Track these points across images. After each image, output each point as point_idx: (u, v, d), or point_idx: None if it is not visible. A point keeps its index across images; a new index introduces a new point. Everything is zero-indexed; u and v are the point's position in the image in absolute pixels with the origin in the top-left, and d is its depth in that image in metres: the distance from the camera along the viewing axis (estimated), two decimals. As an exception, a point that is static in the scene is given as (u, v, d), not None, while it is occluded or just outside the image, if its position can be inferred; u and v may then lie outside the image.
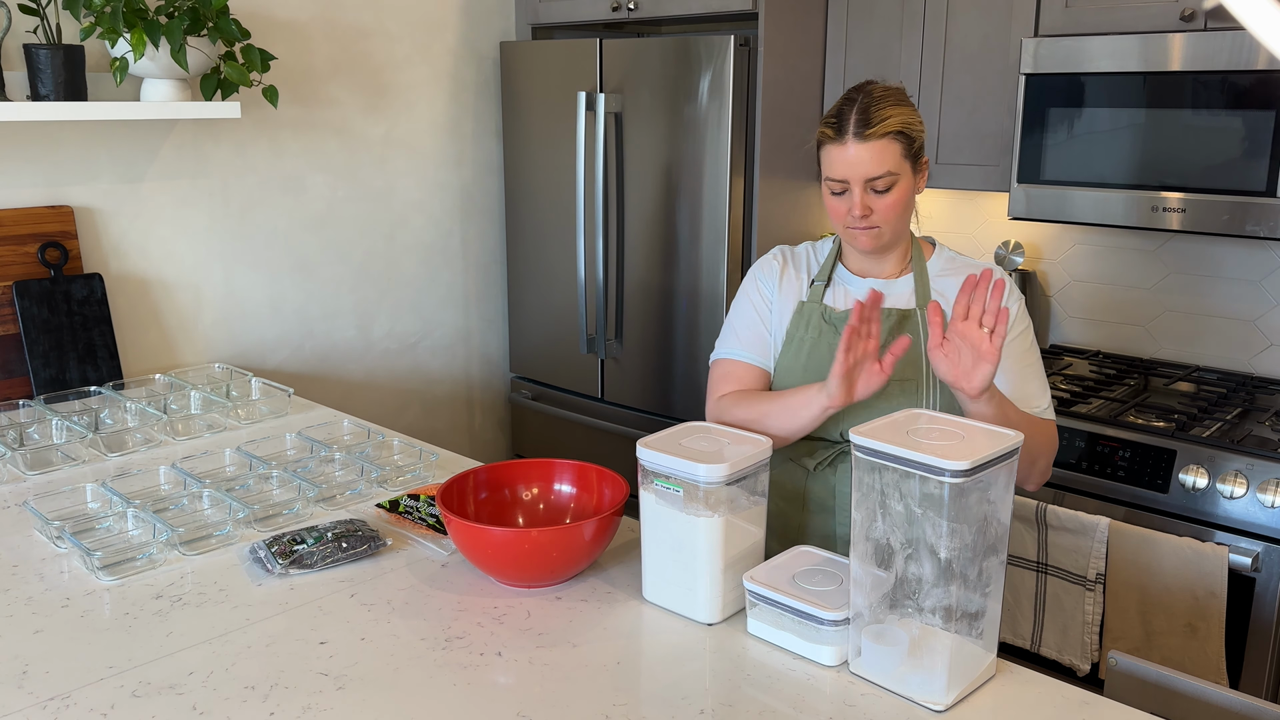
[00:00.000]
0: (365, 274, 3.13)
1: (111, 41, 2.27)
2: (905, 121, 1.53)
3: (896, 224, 1.58)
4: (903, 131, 1.53)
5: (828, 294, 1.69)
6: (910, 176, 1.56)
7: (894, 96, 1.55)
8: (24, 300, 2.37)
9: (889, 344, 1.55)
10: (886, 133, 1.51)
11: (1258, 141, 2.16)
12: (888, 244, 1.61)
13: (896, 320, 1.62)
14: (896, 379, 1.59)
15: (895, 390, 1.59)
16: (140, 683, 1.28)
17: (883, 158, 1.52)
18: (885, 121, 1.51)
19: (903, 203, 1.56)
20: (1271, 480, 2.02)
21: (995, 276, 1.54)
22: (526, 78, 3.21)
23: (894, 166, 1.53)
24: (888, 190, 1.54)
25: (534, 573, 1.49)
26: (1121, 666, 1.47)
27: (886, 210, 1.55)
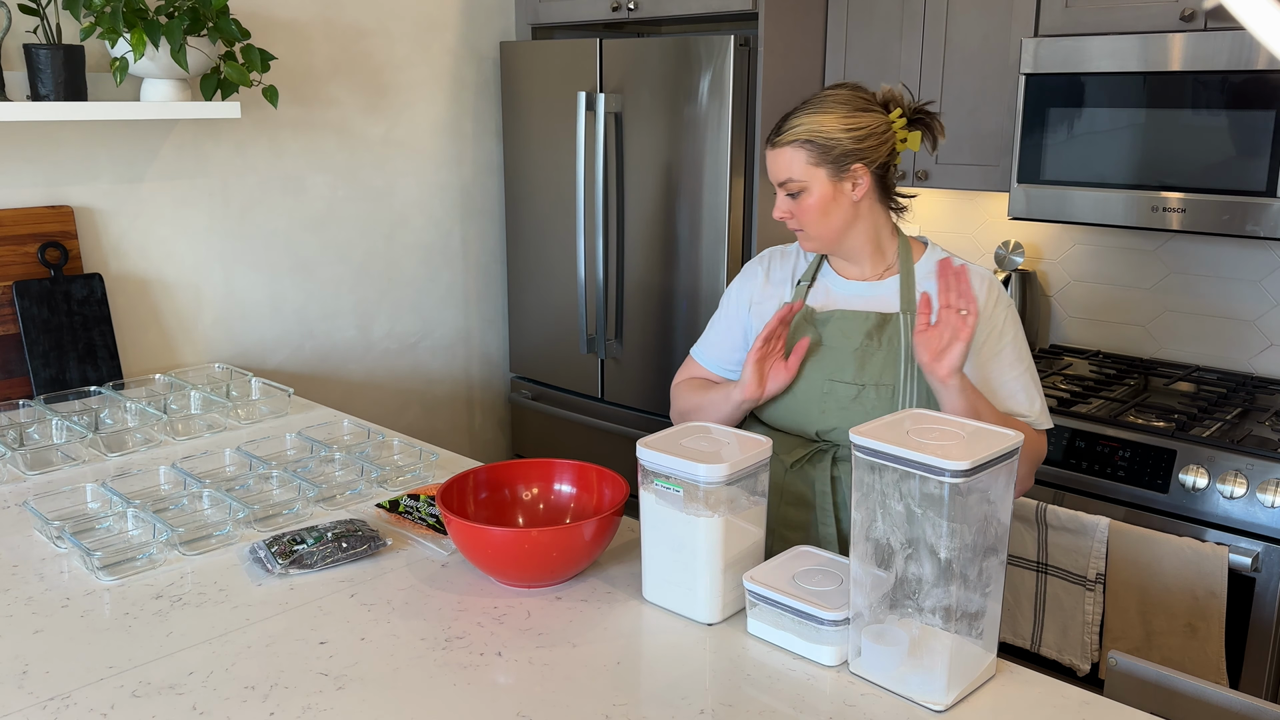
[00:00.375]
0: (365, 274, 3.13)
1: (111, 41, 2.27)
2: (814, 130, 1.55)
3: (817, 228, 1.60)
4: (810, 140, 1.55)
5: (811, 294, 1.70)
6: (826, 183, 1.57)
7: (830, 103, 1.57)
8: (24, 300, 2.37)
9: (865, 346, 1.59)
10: (791, 141, 1.55)
11: (1258, 141, 2.16)
12: (825, 246, 1.64)
13: (876, 323, 1.62)
14: (873, 383, 1.60)
15: (871, 395, 1.60)
16: (140, 683, 1.28)
17: (788, 165, 1.56)
18: (792, 130, 1.56)
19: (818, 208, 1.58)
20: (1271, 480, 2.02)
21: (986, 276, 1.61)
22: (526, 78, 3.21)
23: (799, 174, 1.56)
24: (798, 194, 1.58)
25: (534, 573, 1.49)
26: (1121, 666, 1.47)
27: (803, 214, 1.59)
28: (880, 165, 1.59)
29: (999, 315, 1.60)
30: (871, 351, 1.61)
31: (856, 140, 1.55)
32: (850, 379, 1.61)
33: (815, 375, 1.64)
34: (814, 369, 1.64)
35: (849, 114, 1.56)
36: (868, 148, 1.56)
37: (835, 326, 1.63)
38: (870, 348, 1.61)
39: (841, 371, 1.62)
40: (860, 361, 1.61)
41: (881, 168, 1.60)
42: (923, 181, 2.81)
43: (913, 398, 1.59)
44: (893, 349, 1.60)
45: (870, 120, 1.57)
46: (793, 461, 1.67)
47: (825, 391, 1.62)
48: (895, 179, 1.65)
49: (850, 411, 1.60)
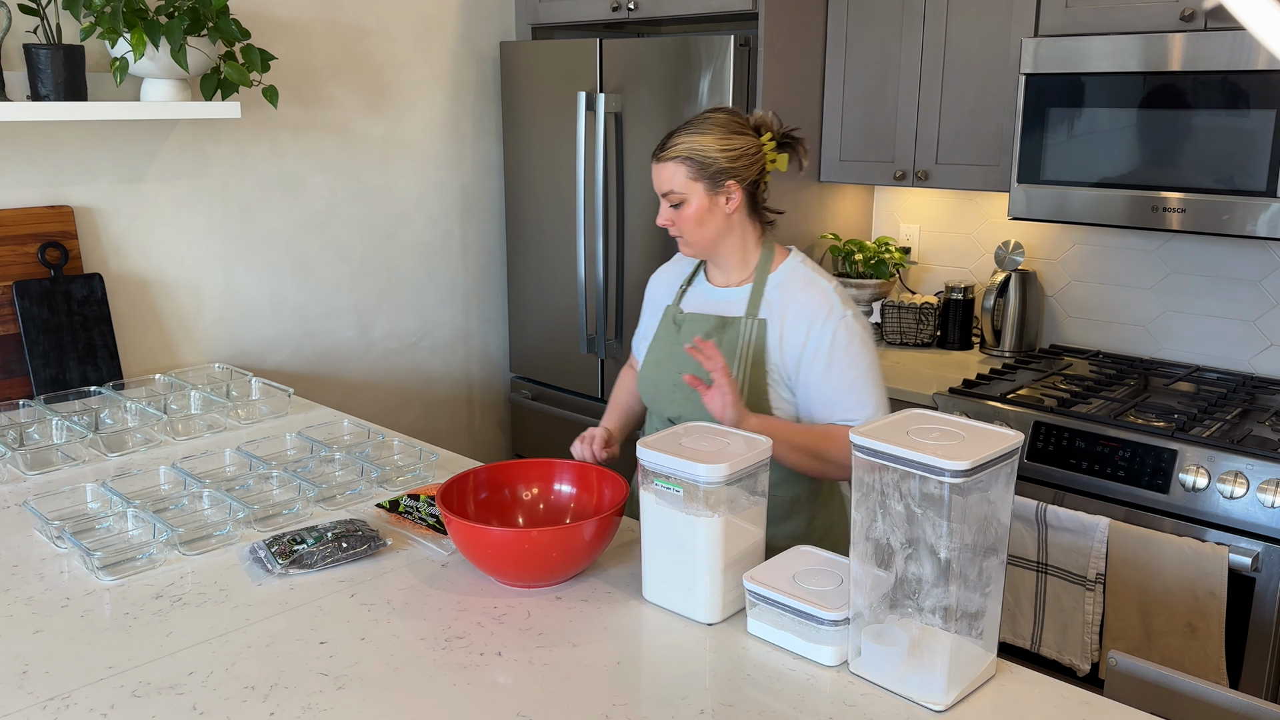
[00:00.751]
0: (365, 274, 3.13)
1: (111, 41, 2.27)
2: (694, 149, 1.71)
3: (694, 235, 1.76)
4: (689, 157, 1.72)
5: (686, 297, 1.90)
6: (704, 196, 1.73)
7: (708, 124, 1.73)
8: (24, 300, 2.37)
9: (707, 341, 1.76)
10: (673, 157, 1.73)
11: (1258, 141, 2.16)
12: (701, 253, 1.80)
13: (716, 325, 1.80)
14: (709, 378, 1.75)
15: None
16: (140, 683, 1.28)
17: (670, 178, 1.73)
18: (674, 148, 1.73)
19: (696, 218, 1.74)
20: (1271, 480, 2.02)
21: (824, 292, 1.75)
22: (526, 78, 3.21)
23: (679, 187, 1.73)
24: (680, 205, 1.74)
25: (534, 573, 1.49)
26: (1121, 666, 1.47)
27: (682, 223, 1.75)
28: (751, 183, 1.76)
29: (826, 331, 1.73)
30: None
31: (731, 159, 1.72)
32: (693, 373, 1.77)
33: (670, 368, 1.83)
34: (670, 362, 1.83)
35: (725, 135, 1.73)
36: (740, 166, 1.73)
37: (688, 327, 1.84)
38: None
39: (686, 365, 1.80)
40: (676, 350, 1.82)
41: (752, 185, 1.77)
42: (923, 181, 2.81)
43: (744, 393, 1.76)
44: (728, 350, 1.77)
45: (743, 142, 1.74)
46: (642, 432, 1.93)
47: (675, 383, 1.81)
48: (764, 196, 1.81)
49: (691, 401, 1.78)
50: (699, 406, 1.76)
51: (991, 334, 2.91)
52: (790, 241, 2.98)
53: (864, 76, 2.89)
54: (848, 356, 1.72)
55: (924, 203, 3.16)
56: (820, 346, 1.72)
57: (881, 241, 3.13)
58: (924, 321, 3.00)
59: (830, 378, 1.72)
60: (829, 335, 1.72)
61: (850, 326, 1.73)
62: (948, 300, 2.99)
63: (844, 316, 1.73)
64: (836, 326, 1.72)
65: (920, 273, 3.21)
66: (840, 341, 1.72)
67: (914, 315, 3.01)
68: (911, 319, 3.01)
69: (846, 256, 3.09)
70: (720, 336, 1.78)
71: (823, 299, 1.74)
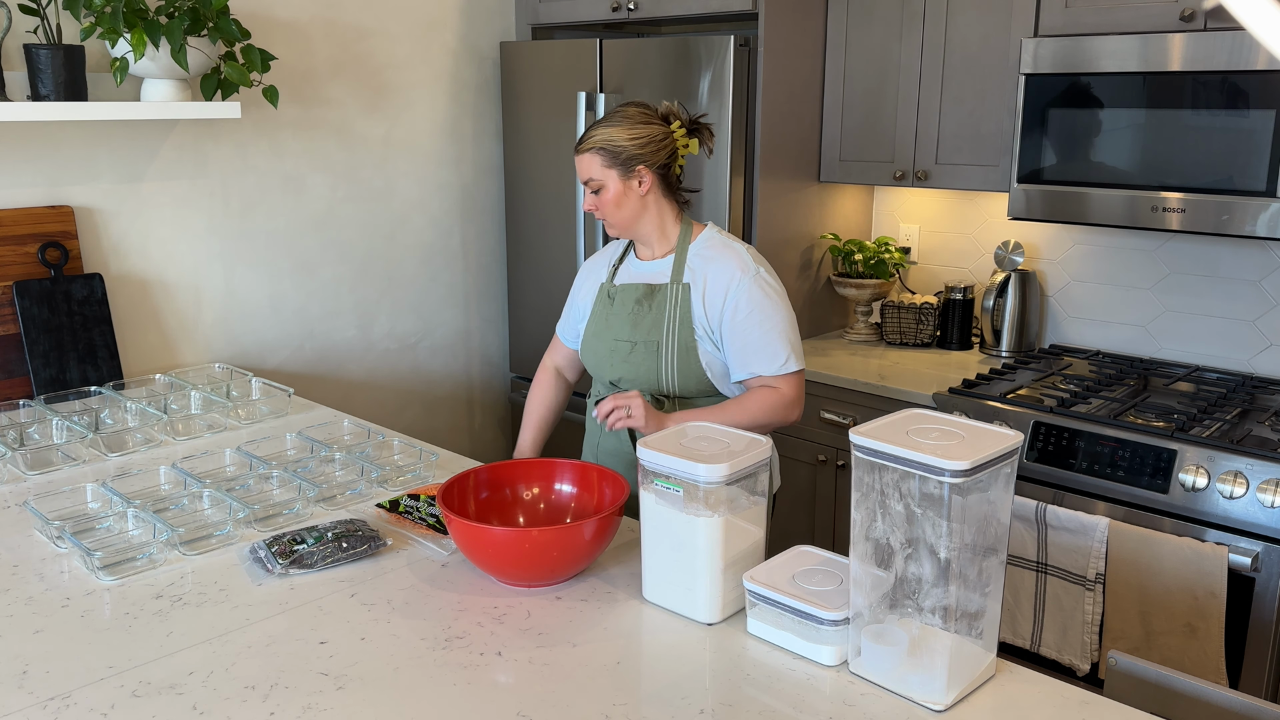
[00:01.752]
0: (365, 274, 3.13)
1: (112, 41, 2.27)
2: (606, 140, 1.90)
3: (614, 217, 1.95)
4: (603, 147, 1.90)
5: (618, 273, 2.08)
6: (618, 181, 1.92)
7: (618, 117, 1.91)
8: (24, 300, 2.37)
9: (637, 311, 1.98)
10: (589, 149, 1.92)
11: (1258, 141, 2.16)
12: (623, 232, 1.99)
13: (645, 292, 1.99)
14: (642, 340, 1.97)
15: (641, 350, 1.97)
16: (140, 682, 1.28)
17: (588, 167, 1.93)
18: (590, 140, 1.92)
19: (614, 201, 1.93)
20: (1271, 480, 2.02)
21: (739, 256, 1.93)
22: (526, 78, 3.21)
23: (596, 174, 1.92)
24: (599, 191, 1.93)
25: (534, 572, 1.49)
26: (1121, 666, 1.47)
27: (602, 206, 1.94)
28: (661, 166, 1.94)
29: (743, 287, 1.91)
30: (642, 315, 1.98)
31: (639, 146, 1.91)
32: (626, 337, 1.99)
33: (606, 335, 2.02)
34: (606, 330, 2.02)
35: (633, 125, 1.91)
36: (648, 152, 1.92)
37: (620, 296, 2.02)
38: (640, 312, 1.98)
39: (621, 331, 2.00)
40: (633, 323, 1.99)
41: (663, 169, 1.94)
42: (923, 181, 2.81)
43: (673, 352, 1.95)
44: (659, 313, 1.96)
45: (651, 131, 1.92)
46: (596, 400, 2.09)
47: (612, 349, 2.01)
48: (677, 177, 1.99)
49: (629, 363, 1.98)
50: (635, 369, 1.98)
51: (991, 334, 2.91)
52: (790, 241, 2.98)
53: (864, 77, 2.89)
54: (762, 311, 1.91)
55: (924, 203, 3.16)
56: (739, 302, 1.91)
57: (881, 241, 3.13)
58: (924, 321, 3.00)
59: (748, 330, 1.91)
60: (745, 291, 1.91)
61: (764, 283, 1.92)
62: (947, 300, 2.99)
63: (756, 274, 1.92)
64: (751, 283, 1.91)
65: (920, 273, 3.21)
66: (755, 297, 1.91)
67: (914, 315, 3.01)
68: (911, 319, 3.01)
69: (846, 256, 3.09)
70: (650, 302, 1.98)
71: (738, 260, 1.94)
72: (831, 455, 2.77)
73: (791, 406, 1.93)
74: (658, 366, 1.96)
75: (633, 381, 1.99)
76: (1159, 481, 2.14)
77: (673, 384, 1.96)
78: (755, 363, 1.91)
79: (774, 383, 1.92)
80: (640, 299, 1.99)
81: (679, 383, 1.96)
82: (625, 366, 1.99)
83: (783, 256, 2.97)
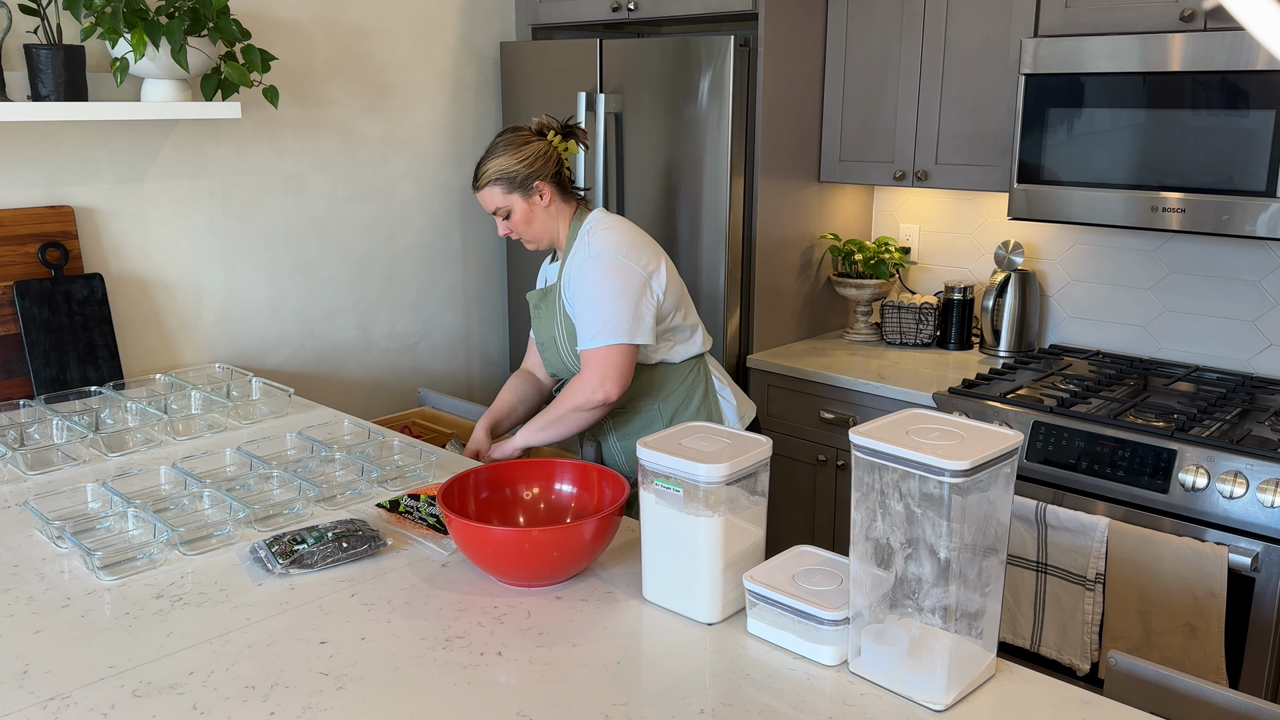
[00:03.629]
0: (365, 274, 3.13)
1: (112, 42, 2.27)
2: (499, 170, 2.05)
3: (529, 233, 2.11)
4: (498, 178, 2.05)
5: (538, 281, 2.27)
6: (522, 202, 2.08)
7: (500, 148, 2.05)
8: (24, 300, 2.37)
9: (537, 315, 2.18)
10: (486, 183, 2.07)
11: (1258, 141, 2.17)
12: (540, 244, 2.14)
13: (541, 295, 2.18)
14: (545, 339, 2.15)
15: (549, 348, 2.15)
16: (140, 682, 1.28)
17: (492, 199, 2.08)
18: (484, 175, 2.06)
19: (524, 221, 2.09)
20: (1271, 480, 2.02)
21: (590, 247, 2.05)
22: (526, 78, 3.21)
23: (501, 203, 2.07)
24: (509, 216, 2.09)
25: (534, 572, 1.49)
26: (1121, 666, 1.47)
27: (516, 227, 2.10)
28: (554, 176, 2.09)
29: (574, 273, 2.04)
30: (540, 317, 2.17)
31: (528, 165, 2.05)
32: (540, 339, 2.19)
33: (536, 338, 2.21)
34: (535, 334, 2.21)
35: (517, 150, 2.05)
36: (539, 168, 2.06)
37: (531, 301, 2.20)
38: (540, 315, 2.17)
39: (538, 334, 2.19)
40: (538, 325, 2.18)
41: (555, 177, 2.09)
42: (923, 181, 2.81)
43: (565, 345, 2.12)
44: (549, 313, 2.14)
45: (533, 148, 2.06)
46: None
47: (540, 350, 2.21)
48: (569, 180, 2.14)
49: (548, 362, 2.19)
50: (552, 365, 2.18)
51: (991, 334, 2.91)
52: (790, 241, 2.98)
53: (864, 76, 2.89)
54: (580, 291, 2.03)
55: (924, 203, 3.16)
56: (573, 284, 2.05)
57: (881, 241, 3.13)
58: (924, 321, 3.00)
59: (576, 308, 2.04)
60: (577, 272, 2.04)
61: (597, 264, 2.02)
62: (947, 300, 2.99)
63: (593, 257, 2.03)
64: (584, 263, 2.04)
65: (920, 273, 3.21)
66: (586, 274, 2.02)
67: (914, 315, 3.01)
68: (911, 319, 3.01)
69: (846, 256, 3.09)
70: (544, 304, 2.16)
71: (581, 251, 2.06)
72: (831, 455, 2.77)
73: (593, 388, 1.99)
74: (560, 359, 2.15)
75: (559, 373, 2.20)
76: (1159, 481, 2.14)
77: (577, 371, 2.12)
78: (580, 338, 2.03)
79: (585, 359, 2.02)
80: (537, 304, 2.18)
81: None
82: (549, 364, 2.20)
83: (783, 256, 2.97)
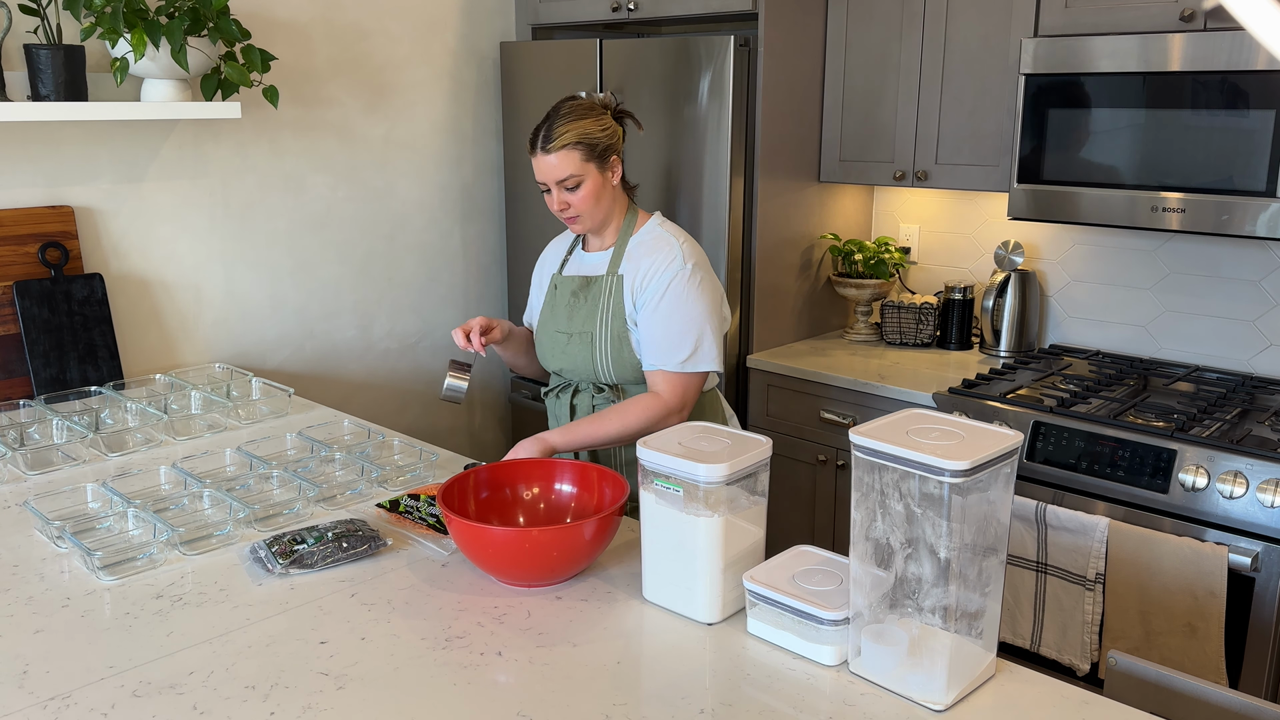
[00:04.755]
0: (365, 274, 3.13)
1: (112, 42, 2.27)
2: (582, 134, 1.89)
3: (593, 212, 1.95)
4: (580, 142, 1.89)
5: (567, 265, 2.11)
6: (596, 175, 1.92)
7: (578, 111, 1.90)
8: (24, 300, 2.37)
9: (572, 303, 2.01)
10: (563, 145, 1.88)
11: (1258, 141, 2.17)
12: (595, 227, 1.99)
13: (581, 284, 2.02)
14: (577, 332, 2.00)
15: (576, 342, 2.00)
16: (140, 682, 1.28)
17: (563, 165, 1.89)
18: (561, 136, 1.88)
19: (593, 196, 1.93)
20: (1271, 480, 2.02)
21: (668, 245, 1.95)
22: (526, 78, 3.21)
23: (575, 170, 1.90)
24: (576, 188, 1.91)
25: (534, 572, 1.49)
26: (1121, 666, 1.47)
27: (580, 202, 1.93)
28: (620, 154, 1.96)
29: (664, 279, 1.92)
30: (577, 307, 2.01)
31: (609, 137, 1.92)
32: (563, 329, 2.02)
33: (549, 327, 2.06)
34: (550, 321, 2.06)
35: (598, 117, 1.92)
36: (615, 142, 1.94)
37: (561, 287, 2.06)
38: (576, 304, 2.01)
39: (559, 323, 2.03)
40: (569, 315, 2.02)
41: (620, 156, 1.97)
42: (923, 181, 2.81)
43: (607, 344, 1.98)
44: (594, 304, 1.99)
45: (609, 121, 1.94)
46: (545, 391, 2.15)
47: (552, 340, 2.04)
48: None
49: (566, 355, 2.02)
50: (573, 360, 2.01)
51: (991, 334, 2.91)
52: (790, 241, 2.98)
53: (864, 76, 2.89)
54: (676, 304, 1.91)
55: (924, 203, 3.16)
56: (656, 291, 1.92)
57: (881, 241, 3.13)
58: (924, 321, 3.00)
59: (656, 321, 1.91)
60: (665, 283, 1.92)
61: (689, 279, 1.92)
62: (947, 300, 2.99)
63: (684, 269, 1.93)
64: (674, 276, 1.92)
65: (920, 273, 3.21)
66: (675, 290, 1.91)
67: (914, 315, 3.01)
68: (911, 319, 3.01)
69: (846, 256, 3.09)
70: (585, 294, 2.01)
71: (670, 252, 1.94)
72: (831, 455, 2.77)
73: (672, 412, 1.91)
74: (592, 357, 1.99)
75: (572, 371, 2.03)
76: (1159, 481, 2.14)
77: (609, 373, 1.99)
78: (659, 355, 1.91)
79: (669, 381, 1.91)
80: (576, 291, 2.02)
81: (614, 372, 1.99)
82: (564, 358, 2.03)
83: (783, 256, 2.97)
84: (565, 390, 2.09)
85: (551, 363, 2.07)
